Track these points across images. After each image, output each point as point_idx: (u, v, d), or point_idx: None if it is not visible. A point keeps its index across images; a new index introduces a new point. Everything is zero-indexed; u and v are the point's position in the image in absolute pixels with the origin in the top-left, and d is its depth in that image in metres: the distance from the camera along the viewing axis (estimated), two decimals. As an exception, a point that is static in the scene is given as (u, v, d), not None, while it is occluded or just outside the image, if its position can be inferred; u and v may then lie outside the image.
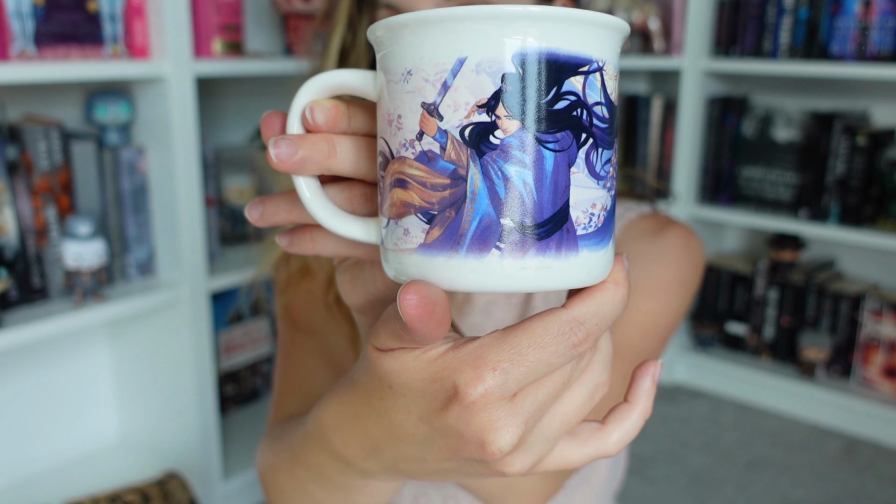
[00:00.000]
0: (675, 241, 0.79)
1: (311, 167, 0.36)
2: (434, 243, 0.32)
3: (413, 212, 0.32)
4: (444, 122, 0.31)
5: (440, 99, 0.31)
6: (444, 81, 0.31)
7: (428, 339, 0.33)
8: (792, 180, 2.04)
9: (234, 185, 1.60)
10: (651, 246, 0.79)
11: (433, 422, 0.36)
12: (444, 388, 0.34)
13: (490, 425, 0.34)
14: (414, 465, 0.39)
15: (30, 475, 1.56)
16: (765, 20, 1.97)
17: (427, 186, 0.32)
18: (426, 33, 0.31)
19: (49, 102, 1.46)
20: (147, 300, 1.38)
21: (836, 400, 2.00)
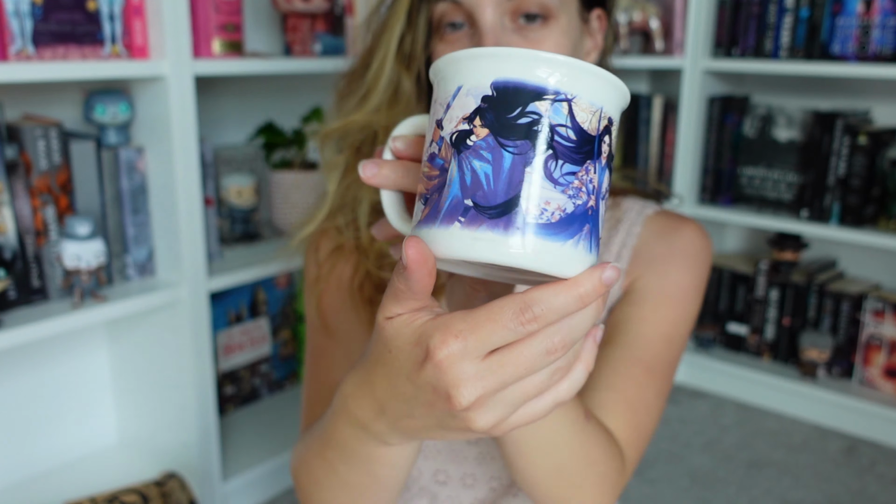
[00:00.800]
0: (691, 242, 0.83)
1: (387, 183, 0.50)
2: (424, 219, 0.42)
3: (420, 198, 0.43)
4: (443, 132, 0.42)
5: (444, 116, 0.42)
6: (448, 103, 0.42)
7: (420, 284, 0.42)
8: (793, 180, 2.03)
9: (233, 185, 1.60)
10: (669, 248, 0.82)
11: (415, 379, 0.44)
12: (421, 350, 0.43)
13: (454, 382, 0.42)
14: (409, 422, 0.48)
15: (28, 476, 1.55)
16: (766, 19, 1.97)
17: (428, 178, 0.43)
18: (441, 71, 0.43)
19: (48, 102, 1.46)
20: (146, 300, 1.37)
21: (838, 400, 2.00)
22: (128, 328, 1.56)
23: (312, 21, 1.65)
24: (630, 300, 0.81)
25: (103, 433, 1.66)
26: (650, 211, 0.86)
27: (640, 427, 0.74)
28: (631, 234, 0.84)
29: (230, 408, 1.84)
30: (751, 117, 2.10)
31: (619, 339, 0.78)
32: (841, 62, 1.88)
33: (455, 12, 0.73)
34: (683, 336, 0.81)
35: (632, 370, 0.76)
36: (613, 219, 0.86)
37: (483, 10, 0.71)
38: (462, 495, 0.83)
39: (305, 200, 1.68)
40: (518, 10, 0.71)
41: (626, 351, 0.77)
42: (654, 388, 0.76)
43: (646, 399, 0.75)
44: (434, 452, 0.83)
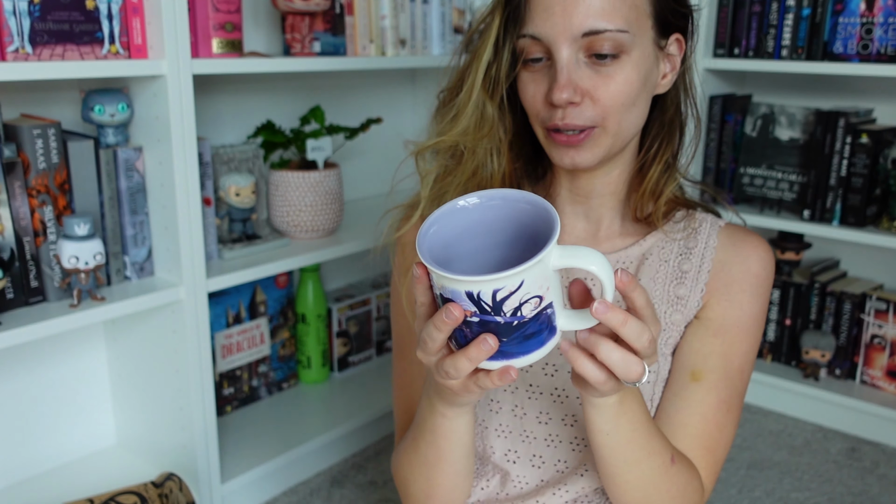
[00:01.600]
0: (763, 267, 0.90)
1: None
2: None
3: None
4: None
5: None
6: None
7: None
8: (795, 180, 2.03)
9: (232, 184, 1.59)
10: (745, 271, 0.89)
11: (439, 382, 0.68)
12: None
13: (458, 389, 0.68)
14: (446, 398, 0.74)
15: (27, 477, 1.55)
16: (767, 18, 1.96)
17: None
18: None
19: (46, 102, 1.46)
20: (144, 301, 1.37)
21: (840, 401, 1.99)
22: (126, 328, 1.56)
23: (311, 20, 1.64)
24: (710, 329, 0.88)
25: (102, 434, 1.65)
26: (721, 223, 0.93)
27: (717, 462, 0.85)
28: (709, 246, 0.91)
29: (229, 408, 1.83)
30: (752, 117, 2.09)
31: (705, 376, 0.85)
32: (843, 61, 1.87)
33: (535, 47, 0.81)
34: (752, 362, 0.90)
35: (717, 415, 0.85)
36: (690, 228, 0.92)
37: (559, 47, 0.79)
38: (530, 474, 0.90)
39: (304, 200, 1.67)
40: (591, 48, 0.78)
41: (712, 394, 0.85)
42: (731, 423, 0.86)
43: (724, 437, 0.86)
44: (506, 433, 0.90)
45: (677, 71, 0.87)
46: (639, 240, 0.92)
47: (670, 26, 0.84)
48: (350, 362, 2.07)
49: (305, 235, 1.71)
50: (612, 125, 0.81)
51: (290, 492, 1.71)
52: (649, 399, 0.87)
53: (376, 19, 1.79)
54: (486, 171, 0.89)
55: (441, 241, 0.63)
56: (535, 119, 0.85)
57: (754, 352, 0.89)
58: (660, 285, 0.89)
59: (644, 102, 0.84)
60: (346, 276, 2.16)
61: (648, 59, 0.82)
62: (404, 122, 2.25)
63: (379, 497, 1.70)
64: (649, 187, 0.89)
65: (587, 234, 0.94)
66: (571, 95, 0.79)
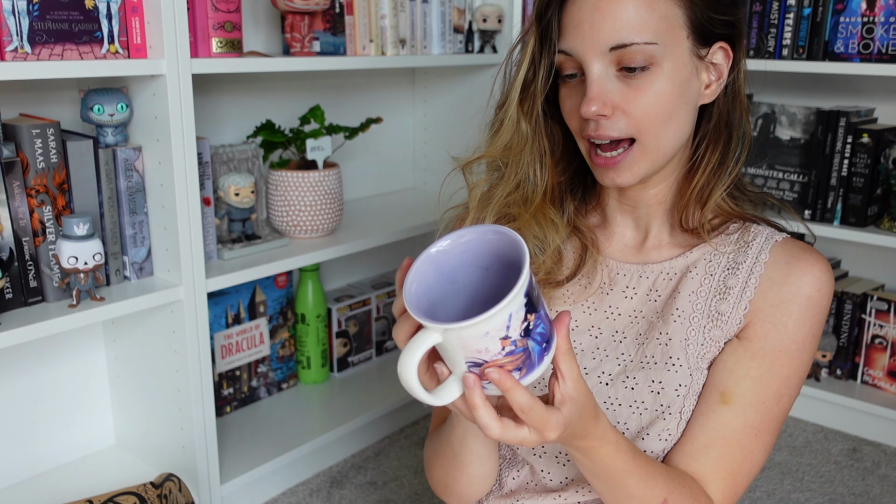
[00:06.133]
0: (816, 289, 0.85)
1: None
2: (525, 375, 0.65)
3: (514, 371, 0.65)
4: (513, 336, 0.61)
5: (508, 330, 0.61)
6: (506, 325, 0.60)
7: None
8: (795, 180, 2.02)
9: (231, 184, 1.59)
10: (794, 292, 0.85)
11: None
12: None
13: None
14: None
15: (26, 477, 1.54)
16: (768, 18, 1.96)
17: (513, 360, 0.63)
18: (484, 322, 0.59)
19: (45, 101, 1.45)
20: (144, 301, 1.36)
21: (841, 401, 1.99)
22: (125, 329, 1.55)
23: (311, 20, 1.64)
24: (749, 350, 0.85)
25: (101, 434, 1.65)
26: (778, 238, 0.90)
27: (739, 486, 0.84)
28: (758, 261, 0.87)
29: (228, 409, 1.83)
30: (753, 117, 2.08)
31: (734, 400, 0.83)
32: (844, 61, 1.87)
33: (569, 63, 0.82)
34: (796, 387, 0.86)
35: (742, 440, 0.83)
36: (742, 242, 0.89)
37: (589, 62, 0.80)
38: (555, 470, 0.90)
39: (304, 200, 1.67)
40: (621, 61, 0.79)
41: (739, 418, 0.83)
42: (760, 450, 0.84)
43: (749, 463, 0.83)
44: None
45: (724, 80, 0.86)
46: (685, 252, 0.91)
47: (712, 35, 0.83)
48: (350, 362, 2.06)
49: (305, 235, 1.71)
50: (650, 140, 0.81)
51: (290, 492, 1.71)
52: (679, 411, 0.84)
53: (376, 19, 1.79)
54: (530, 184, 0.90)
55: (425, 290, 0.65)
56: (576, 133, 0.86)
57: (799, 376, 0.85)
58: (702, 299, 0.87)
59: (685, 114, 0.83)
60: (346, 276, 2.16)
61: (685, 70, 0.81)
62: (404, 122, 2.24)
63: (379, 497, 1.69)
64: (695, 195, 0.89)
65: (635, 242, 0.94)
66: (601, 108, 0.79)
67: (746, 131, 0.90)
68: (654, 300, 0.90)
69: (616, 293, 0.92)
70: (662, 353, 0.86)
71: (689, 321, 0.87)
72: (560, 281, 0.93)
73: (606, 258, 0.94)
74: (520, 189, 0.91)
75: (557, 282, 0.92)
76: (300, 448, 1.70)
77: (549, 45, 0.83)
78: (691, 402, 0.85)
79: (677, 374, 0.85)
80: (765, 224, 0.92)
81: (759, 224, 0.92)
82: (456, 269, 0.67)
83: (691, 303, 0.87)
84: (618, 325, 0.90)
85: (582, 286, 0.93)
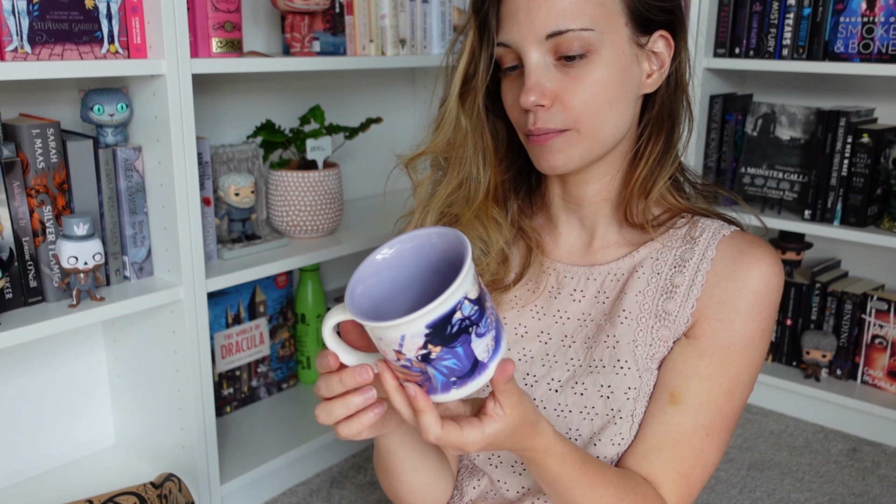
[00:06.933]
0: (763, 283, 0.83)
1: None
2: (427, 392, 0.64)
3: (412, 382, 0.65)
4: (407, 355, 0.61)
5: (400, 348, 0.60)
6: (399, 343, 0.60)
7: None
8: (795, 180, 2.02)
9: (231, 184, 1.59)
10: (741, 287, 0.83)
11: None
12: None
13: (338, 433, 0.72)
14: None
15: (26, 477, 1.54)
16: (768, 18, 1.96)
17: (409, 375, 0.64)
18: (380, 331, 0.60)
19: (45, 101, 1.45)
20: (144, 301, 1.36)
21: (841, 401, 1.99)
22: (125, 329, 1.55)
23: (311, 20, 1.64)
24: (696, 349, 0.83)
25: (101, 434, 1.65)
26: (726, 232, 0.87)
27: (692, 486, 0.83)
28: (705, 258, 0.85)
29: (228, 409, 1.83)
30: (753, 116, 2.08)
31: (684, 400, 0.82)
32: (844, 61, 1.87)
33: (508, 55, 0.82)
34: (747, 384, 0.84)
35: (693, 440, 0.82)
36: (689, 237, 0.87)
37: (527, 52, 0.79)
38: (511, 480, 0.89)
39: (304, 200, 1.67)
40: (558, 50, 0.78)
41: (689, 418, 0.82)
42: (712, 449, 0.83)
43: (701, 463, 0.82)
44: None
45: (666, 68, 0.84)
46: (632, 251, 0.89)
47: (651, 23, 0.82)
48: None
49: (305, 235, 1.71)
50: (587, 128, 0.80)
51: (290, 492, 1.71)
52: (630, 414, 0.83)
53: (376, 19, 1.79)
54: (473, 181, 0.89)
55: (370, 297, 0.65)
56: (517, 126, 0.85)
57: (750, 373, 0.84)
58: (649, 299, 0.86)
59: (625, 104, 0.82)
60: (346, 276, 2.16)
61: (624, 58, 0.80)
62: (404, 122, 2.24)
63: (379, 497, 1.69)
64: (638, 186, 0.86)
65: (582, 243, 0.92)
66: (539, 98, 0.78)
67: (689, 121, 0.89)
68: (602, 302, 0.88)
69: (564, 297, 0.90)
70: (610, 356, 0.85)
71: (637, 322, 0.85)
72: (507, 285, 0.91)
73: (553, 261, 0.92)
74: (462, 188, 0.89)
75: (505, 286, 0.91)
76: (300, 448, 1.70)
77: (487, 38, 0.82)
78: (643, 404, 0.84)
79: (626, 377, 0.84)
80: (714, 217, 0.90)
81: (708, 218, 0.89)
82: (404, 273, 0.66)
83: (638, 303, 0.86)
84: (567, 330, 0.89)
85: (529, 290, 0.91)
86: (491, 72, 0.83)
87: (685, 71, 0.87)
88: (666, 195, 0.88)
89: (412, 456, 0.85)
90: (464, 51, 0.85)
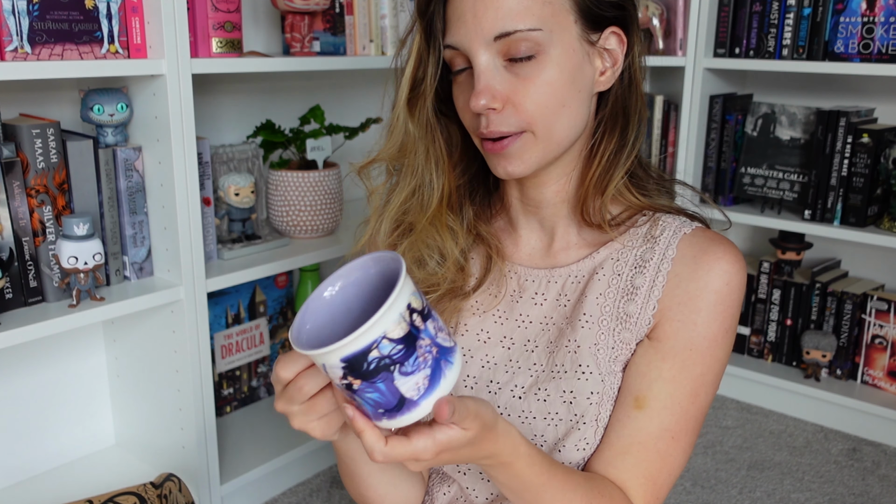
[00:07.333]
0: (724, 282, 0.82)
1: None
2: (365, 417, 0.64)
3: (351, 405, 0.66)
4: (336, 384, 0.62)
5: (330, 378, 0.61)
6: (326, 372, 0.60)
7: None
8: (795, 180, 2.02)
9: (231, 184, 1.59)
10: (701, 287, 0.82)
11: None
12: None
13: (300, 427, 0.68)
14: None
15: (26, 477, 1.54)
16: (768, 18, 1.96)
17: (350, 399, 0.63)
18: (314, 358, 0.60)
19: (45, 101, 1.45)
20: (144, 301, 1.36)
21: (840, 401, 1.99)
22: (125, 329, 1.55)
23: (311, 20, 1.64)
24: (659, 351, 0.82)
25: (101, 434, 1.65)
26: (687, 230, 0.85)
27: (660, 489, 0.82)
28: (666, 258, 0.83)
29: (228, 409, 1.83)
30: (753, 116, 2.08)
31: (648, 404, 0.81)
32: (844, 61, 1.87)
33: (457, 58, 0.80)
34: (712, 384, 0.83)
35: (658, 444, 0.81)
36: (650, 236, 0.85)
37: (475, 54, 0.77)
38: (479, 487, 0.88)
39: (304, 200, 1.67)
40: (507, 51, 0.77)
41: (654, 422, 0.81)
42: (678, 452, 0.82)
43: (668, 465, 0.81)
44: None
45: (619, 66, 0.82)
46: (593, 252, 0.87)
47: (602, 19, 0.80)
48: (350, 362, 2.06)
49: (305, 235, 1.71)
50: (542, 129, 0.78)
51: (290, 492, 1.71)
52: (594, 419, 0.82)
53: (376, 19, 1.79)
54: (427, 188, 0.87)
55: (318, 329, 0.64)
56: (470, 130, 0.83)
57: (714, 373, 0.82)
58: (610, 301, 0.84)
59: (578, 103, 0.80)
60: (346, 276, 2.16)
61: (575, 57, 0.78)
62: (404, 122, 2.24)
63: (379, 497, 1.69)
64: (593, 183, 0.84)
65: (543, 245, 0.90)
66: (489, 101, 0.76)
67: (643, 117, 0.87)
68: (563, 305, 0.87)
69: (526, 300, 0.88)
70: (572, 361, 0.84)
71: (598, 325, 0.84)
72: (467, 292, 0.89)
73: (514, 264, 0.90)
74: (416, 195, 0.87)
75: (465, 293, 0.89)
76: (300, 448, 1.70)
77: (434, 42, 0.80)
78: (607, 408, 0.83)
79: (588, 381, 0.82)
80: (676, 214, 0.88)
81: (669, 215, 0.87)
82: (353, 305, 0.65)
83: (599, 305, 0.84)
84: (529, 334, 0.88)
85: (491, 295, 0.90)
86: (440, 75, 0.81)
87: (638, 66, 0.85)
88: (624, 192, 0.86)
89: (350, 463, 0.83)
90: (411, 55, 0.83)
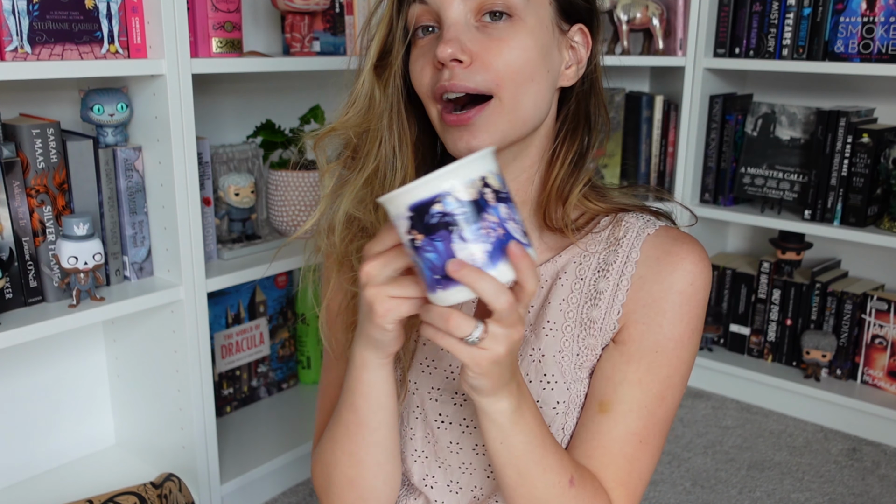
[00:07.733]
0: (689, 283, 0.80)
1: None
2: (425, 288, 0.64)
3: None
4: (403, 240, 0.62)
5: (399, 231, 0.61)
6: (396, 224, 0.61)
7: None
8: (795, 180, 2.02)
9: (231, 184, 1.59)
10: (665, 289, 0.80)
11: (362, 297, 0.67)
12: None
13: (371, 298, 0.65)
14: (364, 334, 0.71)
15: (26, 477, 1.54)
16: (768, 18, 1.96)
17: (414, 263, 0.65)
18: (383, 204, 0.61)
19: (45, 101, 1.45)
20: (144, 301, 1.36)
21: (840, 401, 1.99)
22: (125, 329, 1.55)
23: (311, 20, 1.64)
24: (624, 354, 0.80)
25: (101, 434, 1.65)
26: (651, 230, 0.83)
27: (633, 492, 0.80)
28: (629, 260, 0.81)
29: (228, 409, 1.83)
30: (753, 116, 2.08)
31: (613, 408, 0.79)
32: (844, 61, 1.87)
33: (425, 14, 0.75)
34: (679, 385, 0.82)
35: (625, 448, 0.79)
36: (613, 239, 0.83)
37: (447, 8, 0.73)
38: (448, 499, 0.86)
39: (304, 200, 1.67)
40: (482, 7, 0.73)
41: (620, 426, 0.79)
42: (647, 455, 0.80)
43: (637, 469, 0.80)
44: (422, 458, 0.86)
45: (583, 66, 0.81)
46: (555, 255, 0.84)
47: (573, 13, 0.79)
48: (350, 362, 2.06)
49: (305, 235, 1.71)
50: (508, 97, 0.74)
51: (290, 492, 1.71)
52: (561, 427, 0.81)
53: (376, 19, 1.79)
54: (390, 168, 0.81)
55: None
56: (427, 97, 0.77)
57: (681, 374, 0.81)
58: (573, 307, 0.82)
59: (546, 83, 0.77)
60: (346, 276, 2.16)
61: (547, 34, 0.76)
62: (404, 122, 2.24)
63: (379, 497, 1.69)
64: (555, 190, 0.82)
65: None
66: (456, 51, 0.71)
67: (606, 126, 0.85)
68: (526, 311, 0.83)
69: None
70: (536, 370, 0.81)
71: (563, 331, 0.82)
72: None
73: None
74: (378, 174, 0.82)
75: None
76: (300, 447, 1.70)
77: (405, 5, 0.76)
78: (573, 416, 0.81)
79: (553, 391, 0.81)
80: (639, 212, 0.85)
81: (632, 214, 0.85)
82: None
83: (563, 312, 0.82)
84: None
85: None
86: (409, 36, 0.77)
87: (600, 74, 0.84)
88: (584, 201, 0.84)
89: (388, 403, 0.77)
90: (382, 21, 0.79)
